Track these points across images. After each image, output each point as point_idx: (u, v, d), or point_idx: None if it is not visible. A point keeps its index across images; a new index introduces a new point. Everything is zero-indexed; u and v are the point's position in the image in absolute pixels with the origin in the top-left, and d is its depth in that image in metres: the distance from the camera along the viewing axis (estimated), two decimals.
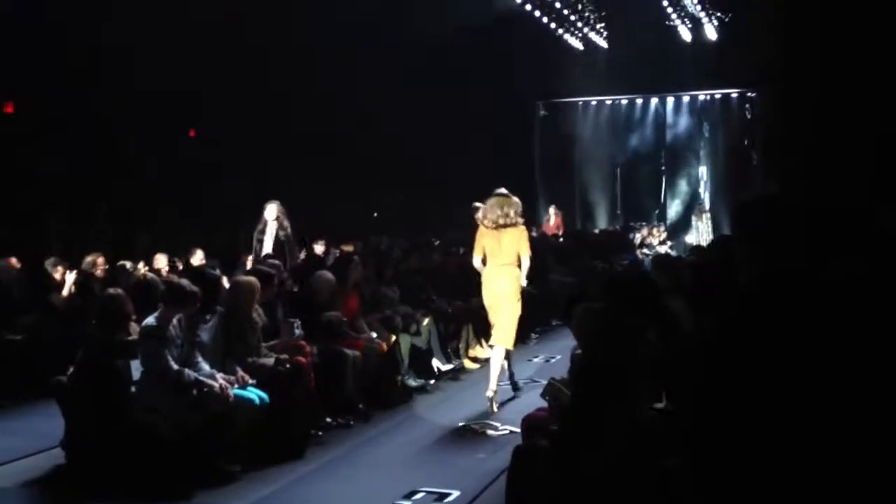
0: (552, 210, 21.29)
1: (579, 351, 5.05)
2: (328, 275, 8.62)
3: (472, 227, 8.96)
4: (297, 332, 7.61)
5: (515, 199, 8.82)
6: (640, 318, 4.85)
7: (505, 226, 8.67)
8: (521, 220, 8.81)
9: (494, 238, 8.69)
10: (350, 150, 18.55)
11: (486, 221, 8.75)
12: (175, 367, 6.16)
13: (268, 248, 11.40)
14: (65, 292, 9.26)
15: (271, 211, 11.62)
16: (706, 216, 21.58)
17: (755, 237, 3.06)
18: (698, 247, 12.98)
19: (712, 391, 2.97)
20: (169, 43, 13.88)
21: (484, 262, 8.76)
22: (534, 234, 16.59)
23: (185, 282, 6.73)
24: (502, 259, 8.67)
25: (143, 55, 13.70)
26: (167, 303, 6.38)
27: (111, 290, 6.89)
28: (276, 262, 9.81)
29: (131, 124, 14.74)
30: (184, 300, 6.39)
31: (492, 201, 8.80)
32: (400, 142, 18.76)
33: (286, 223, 11.56)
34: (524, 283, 8.83)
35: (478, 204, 9.15)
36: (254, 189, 14.49)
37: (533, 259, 8.97)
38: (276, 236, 11.46)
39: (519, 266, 8.69)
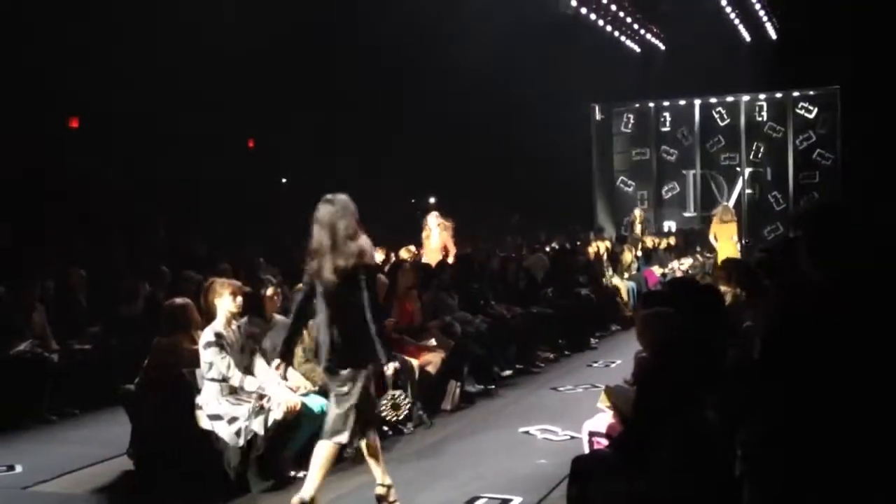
0: (431, 219, 12.84)
1: (644, 354, 4.98)
2: (381, 278, 8.58)
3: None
4: None
5: (730, 206, 19.23)
6: (707, 325, 4.80)
7: (727, 221, 17.12)
8: (735, 218, 17.56)
9: (722, 228, 17.05)
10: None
11: (718, 217, 17.27)
12: (237, 373, 6.21)
13: None
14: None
15: None
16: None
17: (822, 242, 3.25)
18: (766, 247, 12.81)
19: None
20: None
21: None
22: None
23: (232, 281, 6.67)
24: (726, 240, 16.87)
25: None
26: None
27: (177, 300, 6.96)
28: None
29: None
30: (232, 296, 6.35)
31: (720, 208, 17.92)
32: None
33: None
34: (738, 247, 17.27)
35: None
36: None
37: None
38: None
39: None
